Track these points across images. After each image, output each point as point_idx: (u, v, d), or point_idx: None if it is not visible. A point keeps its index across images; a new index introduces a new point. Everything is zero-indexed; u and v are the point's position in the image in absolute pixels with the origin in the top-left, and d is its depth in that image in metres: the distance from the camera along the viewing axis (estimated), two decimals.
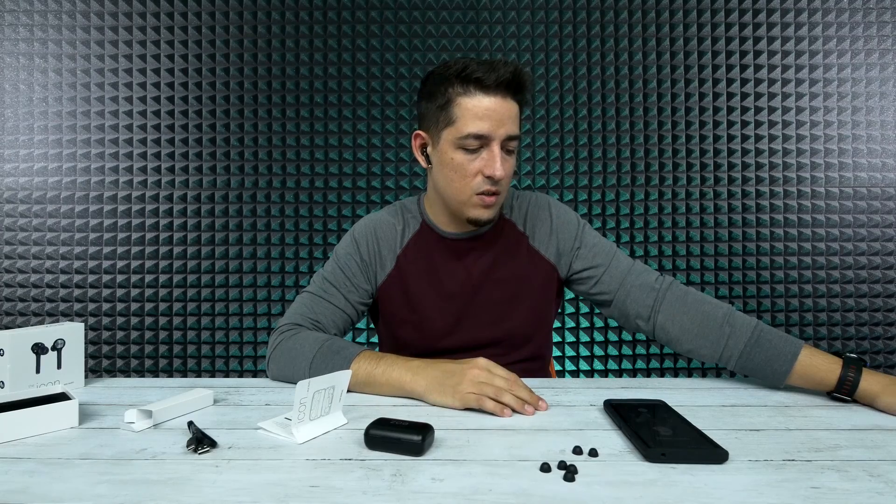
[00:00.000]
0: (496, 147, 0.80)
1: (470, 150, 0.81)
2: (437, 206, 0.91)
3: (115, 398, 0.75)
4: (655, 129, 1.76)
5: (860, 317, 1.74)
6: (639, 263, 0.94)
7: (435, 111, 0.83)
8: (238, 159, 1.76)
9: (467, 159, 0.81)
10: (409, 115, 1.77)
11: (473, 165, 0.81)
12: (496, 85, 0.78)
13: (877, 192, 1.75)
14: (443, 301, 0.91)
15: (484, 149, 0.81)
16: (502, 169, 0.79)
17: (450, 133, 0.81)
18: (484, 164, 0.80)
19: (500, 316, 0.91)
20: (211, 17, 1.75)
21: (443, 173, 0.84)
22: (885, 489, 0.47)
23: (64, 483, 0.49)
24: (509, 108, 0.80)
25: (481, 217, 0.84)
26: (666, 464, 0.52)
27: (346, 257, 0.92)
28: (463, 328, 0.91)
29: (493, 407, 0.67)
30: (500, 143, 0.80)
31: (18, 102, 1.76)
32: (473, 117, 0.79)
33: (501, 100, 0.79)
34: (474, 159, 0.81)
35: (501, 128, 0.79)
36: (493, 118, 0.79)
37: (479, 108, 0.78)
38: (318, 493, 0.47)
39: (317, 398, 0.60)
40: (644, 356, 1.77)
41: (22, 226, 1.76)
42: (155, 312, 1.76)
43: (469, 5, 1.76)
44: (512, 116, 0.80)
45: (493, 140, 0.79)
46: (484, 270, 0.91)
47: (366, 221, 0.95)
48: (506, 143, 0.81)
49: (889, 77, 1.74)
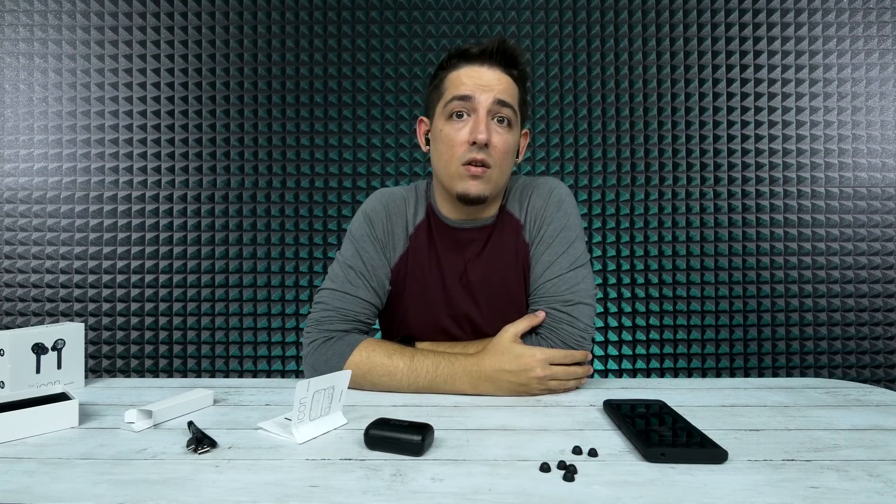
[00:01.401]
0: (482, 111, 0.80)
1: (458, 118, 0.81)
2: (439, 192, 0.90)
3: (115, 398, 0.76)
4: (655, 129, 1.76)
5: (860, 317, 1.74)
6: (581, 276, 0.84)
7: (432, 92, 0.87)
8: (238, 159, 1.76)
9: (455, 128, 0.81)
10: (409, 115, 1.77)
11: (461, 134, 0.81)
12: (480, 54, 0.81)
13: (877, 192, 1.75)
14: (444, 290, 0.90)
15: (471, 116, 0.81)
16: (487, 133, 0.78)
17: (440, 106, 0.83)
18: (470, 131, 0.80)
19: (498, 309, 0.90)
20: (211, 17, 1.76)
21: (436, 149, 0.85)
22: (884, 489, 0.47)
23: (64, 483, 0.49)
24: (497, 76, 0.81)
25: (469, 191, 0.81)
26: (665, 464, 0.52)
27: (362, 239, 0.88)
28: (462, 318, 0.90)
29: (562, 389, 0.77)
30: (487, 108, 0.80)
31: (18, 102, 1.76)
32: (458, 83, 0.81)
33: (487, 68, 0.81)
34: (462, 127, 0.81)
35: (487, 92, 0.80)
36: (477, 81, 0.80)
37: (463, 75, 0.81)
38: (318, 493, 0.47)
39: (317, 398, 0.60)
40: (644, 356, 1.77)
41: (22, 226, 1.76)
42: (155, 312, 1.76)
43: (469, 5, 1.76)
44: (502, 86, 0.81)
45: (479, 103, 0.80)
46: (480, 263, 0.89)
47: (378, 196, 0.92)
48: (497, 110, 0.80)
49: (889, 77, 1.74)
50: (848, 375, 1.75)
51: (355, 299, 0.84)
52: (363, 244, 0.87)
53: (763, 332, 1.75)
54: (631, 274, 1.77)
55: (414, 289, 0.89)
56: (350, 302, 0.84)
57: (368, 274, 0.86)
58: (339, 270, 0.87)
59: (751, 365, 1.75)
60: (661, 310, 1.76)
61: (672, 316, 1.76)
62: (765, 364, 1.75)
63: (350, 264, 0.86)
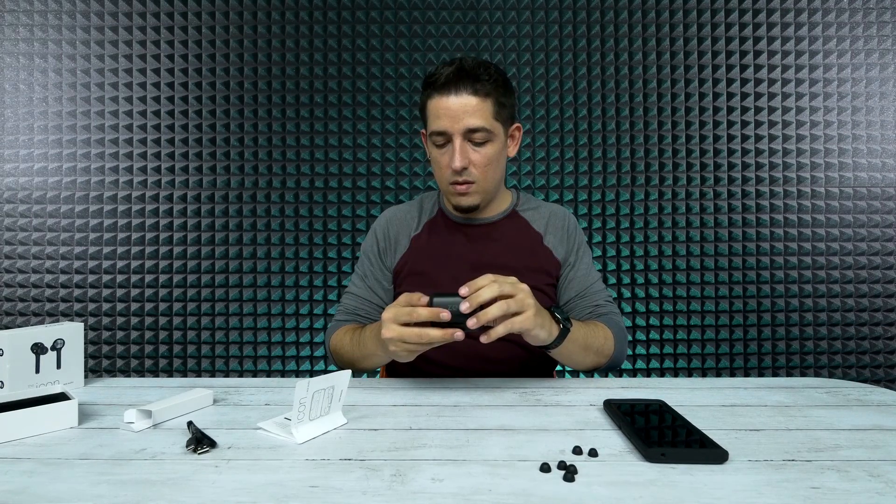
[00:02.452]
0: (457, 141, 0.86)
1: (439, 145, 0.89)
2: None
3: (114, 398, 0.75)
4: (655, 129, 1.76)
5: (860, 317, 1.74)
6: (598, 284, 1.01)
7: (421, 113, 0.94)
8: (238, 159, 1.76)
9: (439, 153, 0.90)
10: (409, 115, 1.77)
11: (443, 159, 0.90)
12: (444, 83, 0.85)
13: (877, 192, 1.74)
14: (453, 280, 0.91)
15: (449, 144, 0.88)
16: (460, 161, 0.86)
17: (427, 132, 0.92)
18: (449, 158, 0.88)
19: None
20: (211, 17, 1.75)
21: (433, 166, 0.95)
22: (885, 489, 0.47)
23: (64, 483, 0.49)
24: (463, 101, 0.85)
25: (461, 203, 0.92)
26: (666, 464, 0.52)
27: (368, 250, 1.02)
28: None
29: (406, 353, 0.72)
30: (461, 136, 0.86)
31: (18, 102, 1.76)
32: (434, 117, 0.88)
33: (455, 96, 0.85)
34: (444, 153, 0.89)
35: (457, 123, 0.85)
36: (448, 115, 0.86)
37: (437, 108, 0.87)
38: (318, 493, 0.47)
39: (316, 398, 0.60)
40: (644, 356, 1.77)
41: (22, 226, 1.76)
42: (155, 312, 1.76)
43: (469, 5, 1.76)
44: (470, 110, 0.85)
45: (453, 135, 0.86)
46: (496, 253, 0.96)
47: (385, 214, 1.05)
48: (470, 136, 0.87)
49: (889, 77, 1.74)
50: (848, 375, 1.74)
51: (357, 297, 1.00)
52: (368, 255, 1.02)
53: (763, 332, 1.75)
54: (631, 274, 1.76)
55: (418, 279, 0.97)
56: (353, 300, 1.00)
57: (373, 278, 1.00)
58: (354, 276, 1.04)
59: (751, 365, 1.75)
60: (662, 310, 1.76)
61: (672, 316, 1.76)
62: (765, 364, 1.75)
63: (357, 272, 1.03)
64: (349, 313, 0.99)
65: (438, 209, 1.03)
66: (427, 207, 1.04)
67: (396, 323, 0.68)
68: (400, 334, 0.68)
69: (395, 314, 0.69)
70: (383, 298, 1.00)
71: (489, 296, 0.67)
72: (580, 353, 0.82)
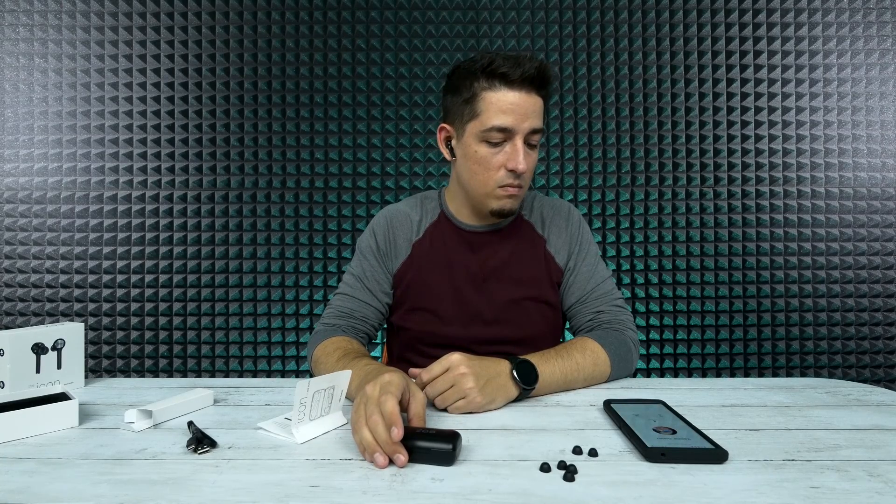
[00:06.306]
0: (519, 141, 0.82)
1: (493, 143, 0.83)
2: (459, 199, 0.94)
3: (115, 398, 0.75)
4: (655, 129, 1.76)
5: (860, 317, 1.74)
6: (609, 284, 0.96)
7: (460, 105, 0.85)
8: (238, 159, 1.76)
9: (491, 152, 0.83)
10: (409, 115, 1.77)
11: (497, 159, 0.83)
12: (521, 80, 0.80)
13: (877, 192, 1.74)
14: (455, 291, 0.92)
15: (507, 142, 0.82)
16: (525, 163, 0.81)
17: (474, 126, 0.83)
18: (507, 158, 0.82)
19: (512, 313, 0.91)
20: (211, 17, 1.75)
21: (466, 166, 0.87)
22: (884, 489, 0.47)
23: (64, 483, 0.49)
24: (533, 102, 0.82)
25: (504, 207, 0.87)
26: (665, 464, 0.52)
27: (367, 250, 0.96)
28: (473, 322, 0.91)
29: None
30: (523, 136, 0.82)
31: (18, 102, 1.76)
32: (498, 111, 0.80)
33: (526, 94, 0.81)
34: (498, 152, 0.83)
35: (525, 122, 0.81)
36: (518, 112, 0.80)
37: (503, 102, 0.80)
38: (318, 493, 0.47)
39: (316, 398, 0.60)
40: (644, 356, 1.77)
41: (22, 226, 1.76)
42: (155, 312, 1.76)
43: (469, 5, 1.76)
44: (536, 111, 0.82)
45: (517, 134, 0.81)
46: (499, 264, 0.93)
47: (383, 212, 0.99)
48: (529, 137, 0.83)
49: (889, 77, 1.74)
50: (848, 375, 1.75)
51: (352, 299, 0.94)
52: (366, 255, 0.96)
53: (763, 332, 1.75)
54: (631, 274, 1.76)
55: (418, 289, 0.94)
56: (347, 301, 0.94)
57: (368, 279, 0.95)
58: (346, 277, 0.98)
59: (751, 365, 1.75)
60: (662, 310, 1.76)
61: (672, 316, 1.76)
62: (765, 364, 1.75)
63: (353, 272, 0.97)
64: (342, 315, 0.92)
65: (440, 212, 0.97)
66: (428, 209, 0.98)
67: (367, 429, 0.55)
68: (364, 439, 0.54)
69: (373, 425, 0.54)
70: (382, 301, 0.95)
71: (424, 406, 0.60)
72: (563, 388, 0.77)
